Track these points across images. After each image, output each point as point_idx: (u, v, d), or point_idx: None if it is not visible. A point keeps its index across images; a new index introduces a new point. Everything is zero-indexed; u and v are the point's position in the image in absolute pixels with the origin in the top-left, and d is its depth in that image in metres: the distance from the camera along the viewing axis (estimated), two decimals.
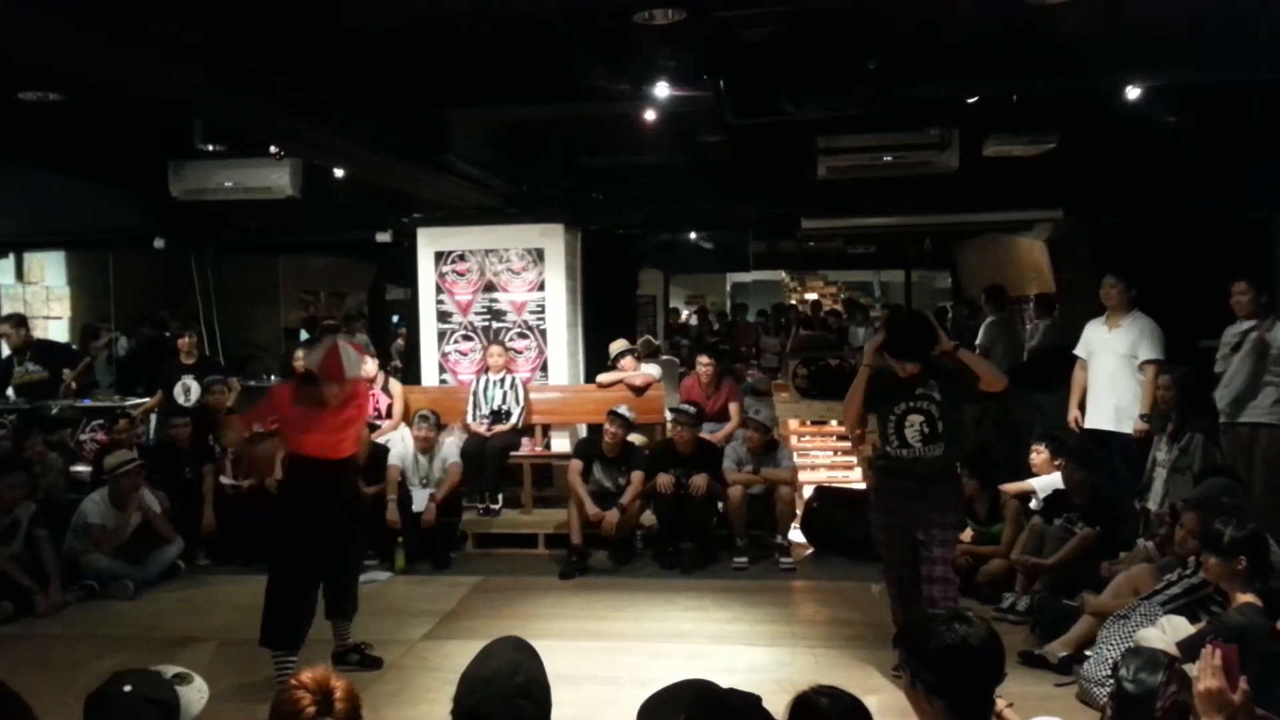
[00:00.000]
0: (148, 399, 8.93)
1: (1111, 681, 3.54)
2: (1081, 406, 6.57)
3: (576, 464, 7.19)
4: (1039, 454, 6.55)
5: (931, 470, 4.65)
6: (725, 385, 8.26)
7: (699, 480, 6.94)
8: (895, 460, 4.72)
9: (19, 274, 10.43)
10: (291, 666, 4.42)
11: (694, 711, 1.97)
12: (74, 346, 10.31)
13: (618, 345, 8.49)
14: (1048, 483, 6.36)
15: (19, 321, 8.69)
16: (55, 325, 10.79)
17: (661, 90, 5.70)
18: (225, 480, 7.37)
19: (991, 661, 2.21)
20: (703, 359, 8.37)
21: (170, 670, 2.68)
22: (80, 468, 7.90)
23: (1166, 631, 3.85)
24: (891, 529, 4.75)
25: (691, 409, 7.34)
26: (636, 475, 7.11)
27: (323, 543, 4.73)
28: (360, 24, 4.93)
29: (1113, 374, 6.36)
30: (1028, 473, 6.57)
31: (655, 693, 2.22)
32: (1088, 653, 4.54)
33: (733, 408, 8.02)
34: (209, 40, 4.40)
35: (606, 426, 7.24)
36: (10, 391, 8.55)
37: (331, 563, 4.81)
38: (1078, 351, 6.66)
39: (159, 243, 9.42)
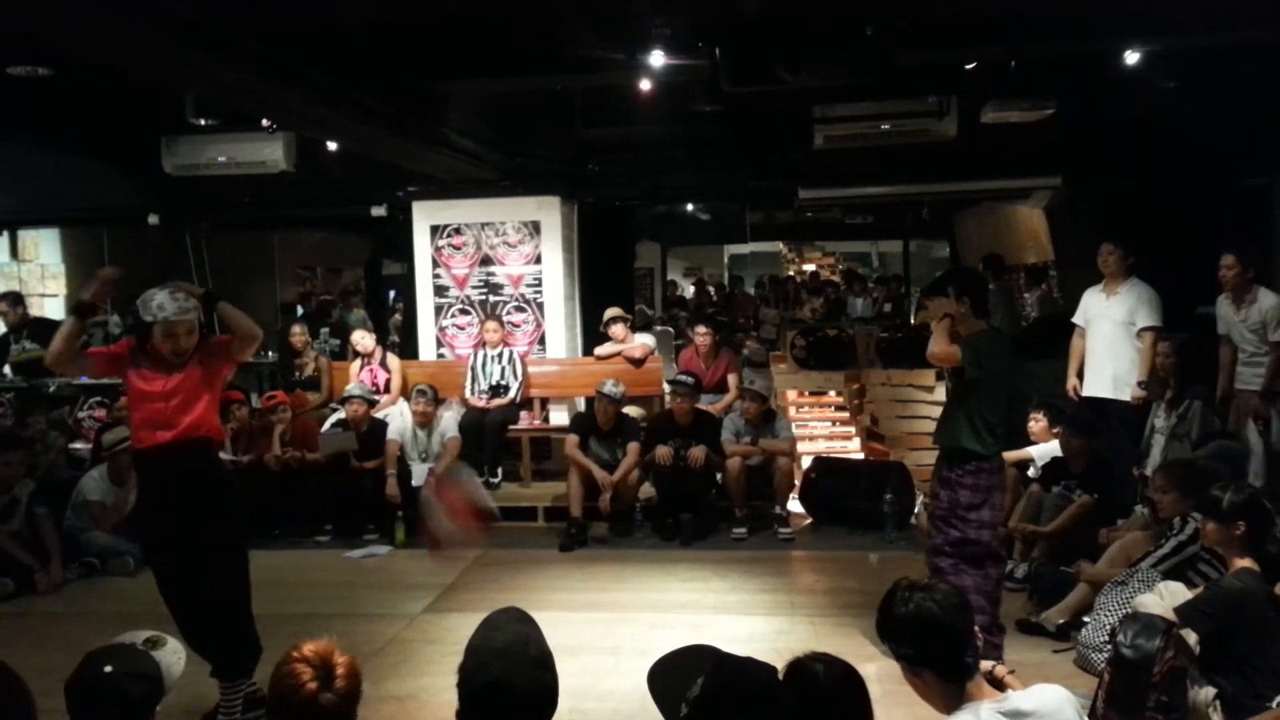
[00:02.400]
0: None
1: (1109, 647, 3.56)
2: (1079, 374, 6.57)
3: (573, 438, 7.19)
4: (1037, 422, 6.56)
5: (940, 450, 4.53)
6: (723, 356, 8.24)
7: (697, 452, 6.94)
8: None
9: (13, 252, 10.39)
10: None
11: (713, 678, 1.96)
12: None
13: (613, 311, 8.46)
14: (1046, 451, 6.37)
15: (15, 299, 8.66)
16: (51, 303, 10.74)
17: (656, 59, 5.63)
18: (224, 455, 7.37)
19: (955, 620, 2.20)
20: (700, 329, 8.36)
21: (140, 635, 2.66)
22: (79, 445, 7.90)
23: (1164, 597, 3.86)
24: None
25: (690, 380, 7.33)
26: (633, 446, 7.12)
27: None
28: None
29: (1110, 341, 6.34)
30: (1026, 441, 6.57)
31: (664, 656, 2.22)
32: (1085, 619, 4.57)
33: (731, 379, 8.01)
34: (199, 11, 4.36)
35: (596, 404, 7.25)
36: (7, 369, 8.54)
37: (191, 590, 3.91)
38: (1075, 319, 6.64)
39: (153, 219, 9.38)
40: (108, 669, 2.45)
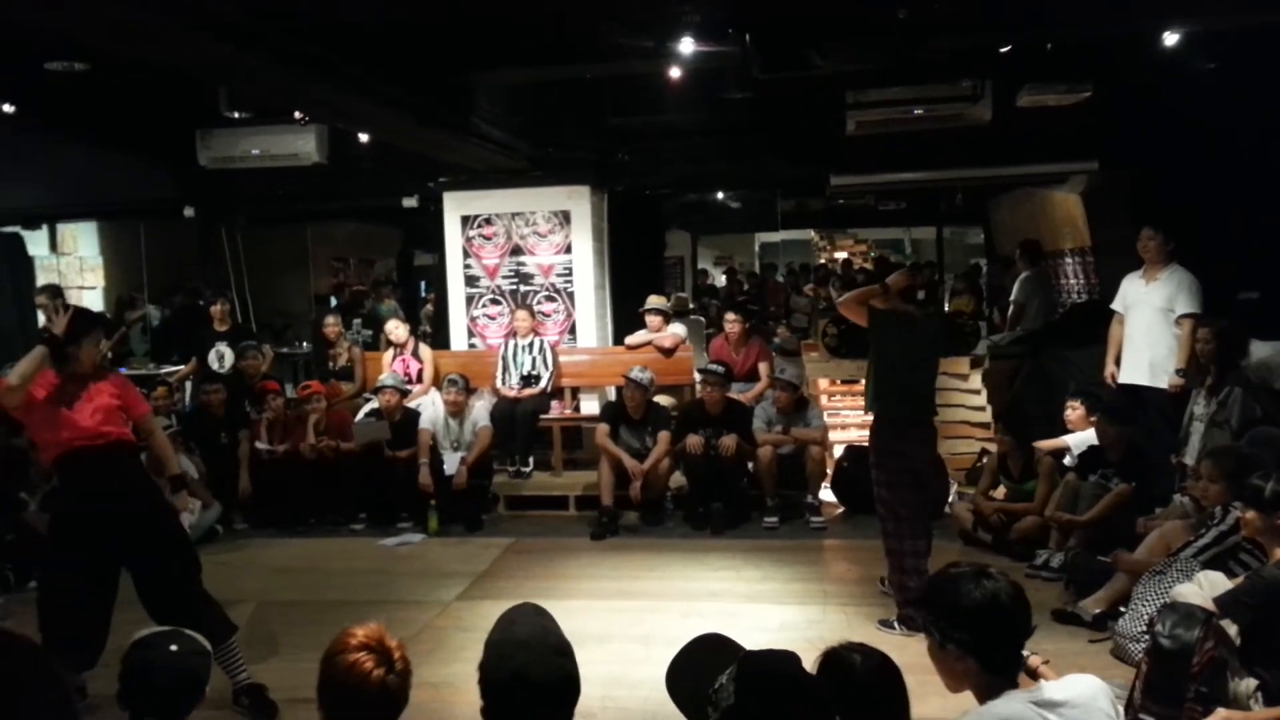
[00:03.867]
0: (182, 366, 9.04)
1: (1147, 637, 3.52)
2: (1117, 361, 6.48)
3: (604, 427, 7.20)
4: (1074, 410, 6.47)
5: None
6: (754, 344, 8.21)
7: (728, 441, 6.93)
8: None
9: (52, 245, 10.56)
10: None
11: (745, 681, 1.94)
12: (108, 316, 10.44)
13: (655, 300, 8.45)
14: (1082, 439, 6.29)
15: (55, 293, 8.80)
16: (89, 295, 10.92)
17: (686, 46, 5.60)
18: (260, 445, 7.46)
19: (1021, 614, 2.19)
20: (729, 316, 8.33)
21: (155, 630, 2.73)
22: None
23: (1203, 587, 3.80)
24: None
25: (720, 369, 7.31)
26: (663, 435, 7.12)
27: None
28: None
29: (1149, 328, 6.24)
30: (1062, 429, 6.50)
31: (675, 659, 2.20)
32: (1122, 609, 4.51)
33: (762, 367, 7.98)
34: (230, 6, 4.39)
35: (624, 391, 7.26)
36: None
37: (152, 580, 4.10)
38: (1114, 306, 6.55)
39: (188, 211, 9.49)
40: (173, 648, 2.53)
